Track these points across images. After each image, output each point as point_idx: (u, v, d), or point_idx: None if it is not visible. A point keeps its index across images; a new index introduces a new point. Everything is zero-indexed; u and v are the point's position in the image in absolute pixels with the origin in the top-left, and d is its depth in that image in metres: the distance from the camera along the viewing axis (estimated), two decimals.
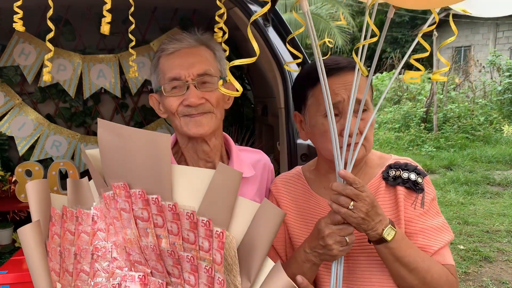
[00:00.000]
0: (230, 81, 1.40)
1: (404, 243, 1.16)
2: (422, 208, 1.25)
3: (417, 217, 1.24)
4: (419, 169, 1.28)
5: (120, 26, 2.73)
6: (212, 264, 1.01)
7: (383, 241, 1.13)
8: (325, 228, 1.12)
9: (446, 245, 1.24)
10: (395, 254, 1.15)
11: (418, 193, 1.25)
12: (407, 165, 1.28)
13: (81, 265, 1.14)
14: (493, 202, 5.81)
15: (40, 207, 1.13)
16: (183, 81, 1.32)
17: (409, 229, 1.24)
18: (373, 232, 1.12)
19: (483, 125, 9.69)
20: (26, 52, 2.98)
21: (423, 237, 1.23)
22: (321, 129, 1.28)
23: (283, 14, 14.19)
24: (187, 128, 1.34)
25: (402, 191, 1.25)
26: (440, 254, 1.23)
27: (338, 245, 1.11)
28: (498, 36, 14.62)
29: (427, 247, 1.22)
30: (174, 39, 1.37)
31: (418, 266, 1.16)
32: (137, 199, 1.03)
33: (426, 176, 1.28)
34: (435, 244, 1.22)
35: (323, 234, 1.12)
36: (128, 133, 1.03)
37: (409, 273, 1.17)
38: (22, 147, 3.08)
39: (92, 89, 3.11)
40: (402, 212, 1.24)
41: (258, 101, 3.16)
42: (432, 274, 1.17)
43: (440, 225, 1.25)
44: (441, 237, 1.24)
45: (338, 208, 1.09)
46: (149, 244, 1.04)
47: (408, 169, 1.27)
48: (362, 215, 1.09)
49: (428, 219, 1.25)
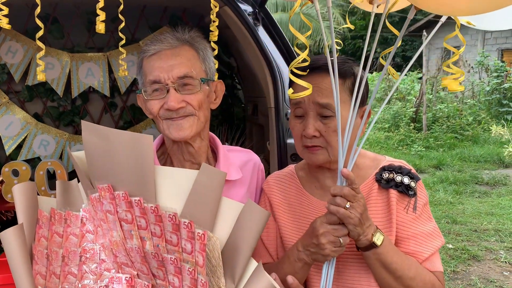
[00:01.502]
0: (217, 81, 1.40)
1: (391, 249, 1.16)
2: (414, 212, 1.25)
3: (409, 222, 1.24)
4: (412, 173, 1.28)
5: (109, 24, 2.71)
6: (195, 266, 1.00)
7: (372, 247, 1.13)
8: (320, 227, 1.12)
9: (436, 251, 1.25)
10: (382, 260, 1.15)
11: (410, 197, 1.25)
12: (401, 168, 1.28)
13: (69, 267, 1.12)
14: (481, 201, 5.87)
15: (26, 210, 1.11)
16: (163, 84, 1.29)
17: (401, 233, 1.24)
18: (364, 238, 1.12)
19: (472, 125, 9.79)
20: (13, 50, 2.93)
21: (415, 243, 1.23)
22: (291, 127, 1.33)
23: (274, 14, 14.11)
24: (169, 131, 1.32)
25: (394, 194, 1.25)
26: (429, 260, 1.23)
27: (331, 245, 1.11)
28: (487, 37, 14.76)
29: (418, 253, 1.22)
30: (155, 40, 1.33)
31: (404, 274, 1.16)
32: (121, 201, 1.02)
33: (419, 180, 1.28)
34: (426, 251, 1.22)
35: (317, 232, 1.12)
36: (112, 134, 1.02)
37: (394, 280, 1.17)
38: (9, 147, 3.04)
39: (80, 88, 3.07)
40: (394, 216, 1.24)
41: (249, 100, 3.15)
42: (417, 283, 1.17)
43: (431, 230, 1.25)
44: (432, 243, 1.24)
45: (337, 209, 1.09)
46: (134, 246, 1.03)
47: (401, 172, 1.27)
48: (358, 215, 1.09)
49: (420, 225, 1.25)
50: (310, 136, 1.24)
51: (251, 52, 2.27)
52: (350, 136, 1.15)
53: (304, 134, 1.25)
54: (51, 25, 2.95)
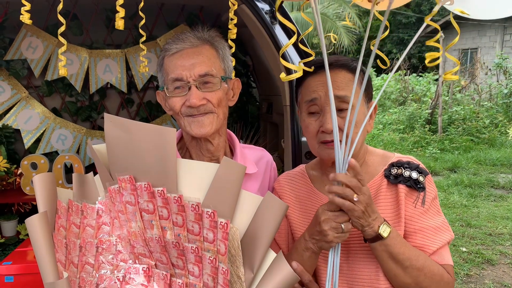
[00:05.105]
0: (234, 79, 1.43)
1: (399, 241, 1.17)
2: (422, 206, 1.25)
3: (417, 216, 1.25)
4: (421, 168, 1.28)
5: (127, 22, 2.75)
6: (216, 255, 1.03)
7: (379, 238, 1.15)
8: (322, 214, 1.14)
9: (445, 244, 1.24)
10: (389, 251, 1.16)
11: (419, 192, 1.25)
12: (409, 164, 1.29)
13: (86, 257, 1.15)
14: (497, 205, 5.79)
15: (46, 200, 1.14)
16: (185, 82, 1.33)
17: (409, 227, 1.24)
18: (370, 229, 1.14)
19: (488, 128, 9.65)
20: (34, 45, 2.99)
21: (422, 237, 1.23)
22: (304, 125, 1.33)
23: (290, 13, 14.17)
24: (190, 128, 1.35)
25: (403, 190, 1.26)
26: (438, 254, 1.23)
27: (334, 231, 1.12)
28: (506, 39, 14.54)
29: (425, 246, 1.22)
30: (177, 39, 1.37)
31: (412, 264, 1.16)
32: (143, 192, 1.04)
33: (428, 174, 1.29)
34: (434, 244, 1.22)
35: (319, 219, 1.14)
36: (135, 127, 1.05)
37: (402, 271, 1.17)
38: (28, 140, 3.10)
39: (98, 84, 3.13)
40: (403, 211, 1.24)
41: (263, 99, 3.17)
42: (426, 273, 1.17)
43: (439, 224, 1.25)
44: (440, 236, 1.24)
45: (343, 202, 1.10)
46: (153, 236, 1.06)
47: (410, 167, 1.27)
48: (362, 208, 1.11)
49: (428, 218, 1.25)
50: (330, 131, 1.23)
51: (267, 51, 2.28)
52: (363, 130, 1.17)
53: (323, 130, 1.25)
54: (70, 22, 3.00)
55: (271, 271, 1.03)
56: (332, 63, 1.25)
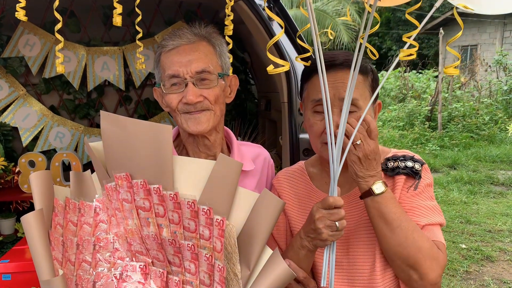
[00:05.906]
0: (231, 76, 1.42)
1: (391, 202, 1.17)
2: (414, 191, 1.25)
3: (407, 198, 1.25)
4: (416, 158, 1.30)
5: (125, 19, 2.73)
6: (213, 252, 1.02)
7: (370, 194, 1.16)
8: (316, 212, 1.14)
9: (436, 224, 1.22)
10: (380, 209, 1.16)
11: (416, 179, 1.26)
12: (405, 156, 1.30)
13: (83, 255, 1.15)
14: (496, 202, 5.80)
15: (43, 198, 1.14)
16: (181, 79, 1.32)
17: None
18: (364, 183, 1.16)
19: (488, 124, 9.65)
20: (31, 43, 2.98)
21: (412, 214, 1.22)
22: (308, 124, 1.32)
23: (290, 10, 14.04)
24: (187, 125, 1.35)
25: (401, 179, 1.26)
26: (429, 230, 1.20)
27: (328, 229, 1.12)
28: (505, 35, 14.51)
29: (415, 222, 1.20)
30: (174, 35, 1.35)
31: (401, 225, 1.15)
32: (139, 189, 1.04)
33: (424, 164, 1.29)
34: (424, 220, 1.21)
35: (314, 217, 1.14)
36: (131, 124, 1.04)
37: (390, 232, 1.16)
38: (25, 138, 3.10)
39: (96, 81, 3.11)
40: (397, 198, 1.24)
41: (262, 95, 3.16)
42: (414, 237, 1.14)
43: (431, 206, 1.24)
44: (431, 215, 1.22)
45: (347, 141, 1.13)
46: (150, 233, 1.05)
47: (405, 159, 1.29)
48: (360, 155, 1.14)
49: (419, 200, 1.24)
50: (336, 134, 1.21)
51: (265, 47, 2.27)
52: None
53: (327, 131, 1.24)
54: (68, 19, 2.99)
55: (267, 268, 1.02)
56: (342, 62, 1.24)
